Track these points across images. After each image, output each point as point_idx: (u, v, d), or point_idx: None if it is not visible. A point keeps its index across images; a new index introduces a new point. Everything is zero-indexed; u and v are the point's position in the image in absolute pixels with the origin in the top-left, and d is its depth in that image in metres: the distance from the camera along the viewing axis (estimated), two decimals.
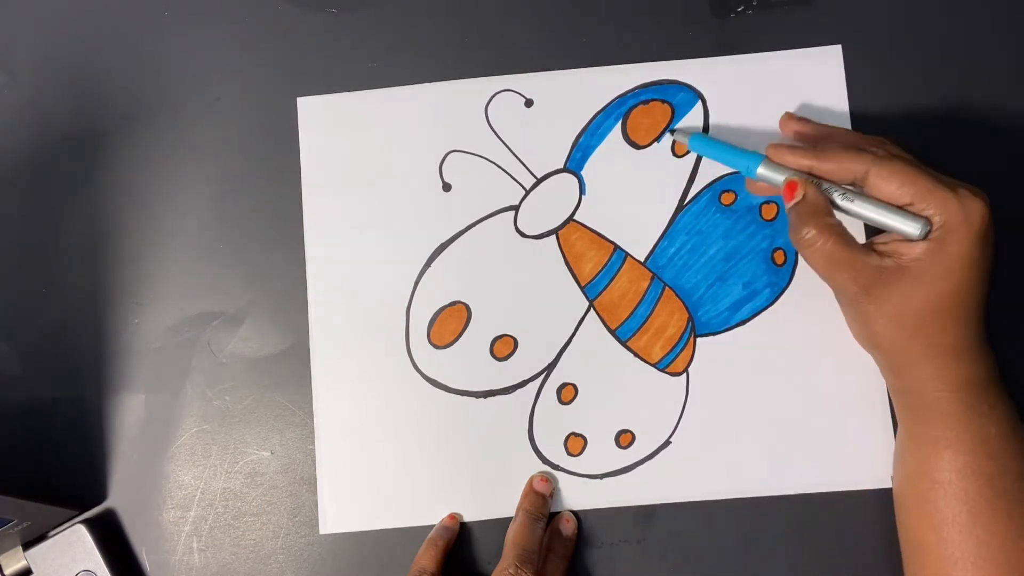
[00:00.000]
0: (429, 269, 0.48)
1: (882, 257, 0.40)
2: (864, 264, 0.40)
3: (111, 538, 0.46)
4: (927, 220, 0.39)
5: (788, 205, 0.42)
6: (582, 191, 0.48)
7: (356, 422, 0.47)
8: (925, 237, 0.39)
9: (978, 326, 0.40)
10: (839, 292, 0.42)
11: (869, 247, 0.41)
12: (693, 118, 0.48)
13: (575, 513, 0.46)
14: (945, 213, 0.39)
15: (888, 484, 0.45)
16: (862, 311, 0.40)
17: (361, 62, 0.49)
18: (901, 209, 0.40)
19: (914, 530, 0.41)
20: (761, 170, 0.43)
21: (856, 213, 0.41)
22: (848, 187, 0.41)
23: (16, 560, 0.45)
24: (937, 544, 0.39)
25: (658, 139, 0.48)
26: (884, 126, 0.47)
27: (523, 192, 0.48)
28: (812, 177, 0.42)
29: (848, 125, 0.47)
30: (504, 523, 0.45)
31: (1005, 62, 0.48)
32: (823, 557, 0.45)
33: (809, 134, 0.45)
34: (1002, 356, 0.41)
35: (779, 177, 0.42)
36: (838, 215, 0.41)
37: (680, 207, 0.47)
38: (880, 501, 0.44)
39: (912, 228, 0.39)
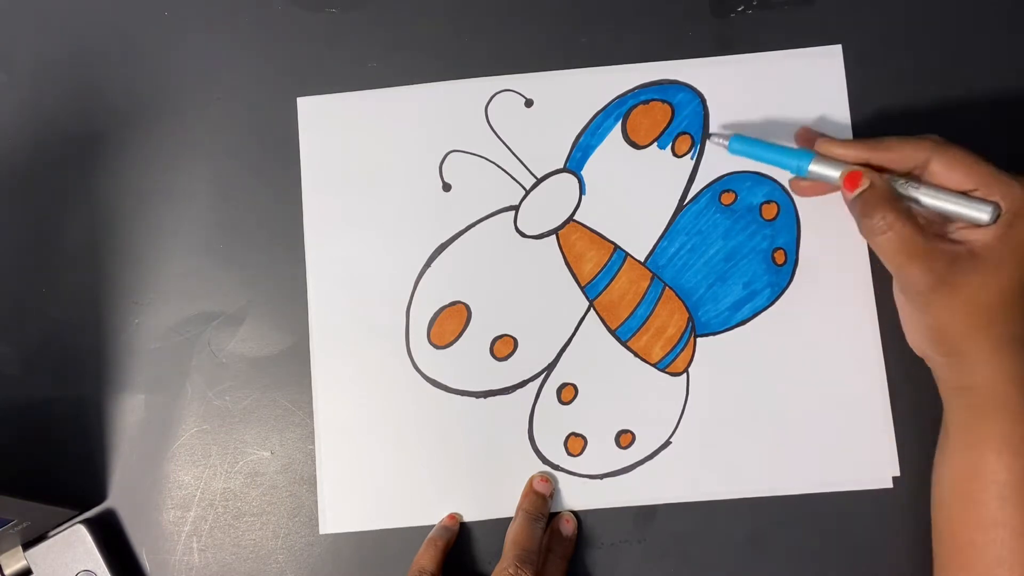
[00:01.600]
0: (429, 269, 0.48)
1: (955, 244, 0.39)
2: (939, 252, 0.39)
3: (111, 538, 0.46)
4: (996, 204, 0.39)
5: (851, 195, 0.41)
6: (582, 191, 0.48)
7: (356, 422, 0.47)
8: (994, 222, 0.39)
9: None
10: (909, 284, 0.40)
11: (941, 235, 0.40)
12: (692, 118, 0.48)
13: (575, 513, 0.46)
14: (1010, 198, 0.38)
15: (888, 484, 0.45)
16: (932, 304, 0.39)
17: (361, 62, 0.49)
18: (967, 195, 0.39)
19: (958, 531, 0.40)
20: (813, 167, 0.42)
21: (922, 201, 0.40)
22: (908, 177, 0.41)
23: (16, 560, 0.45)
24: (985, 544, 0.38)
25: (659, 143, 0.48)
26: (884, 126, 0.47)
27: (523, 192, 0.48)
28: (871, 168, 0.41)
29: (848, 125, 0.47)
30: (504, 523, 0.45)
31: (1005, 62, 0.48)
32: (823, 557, 0.45)
33: (852, 155, 0.43)
34: None
35: (834, 172, 0.42)
36: None
37: (680, 207, 0.47)
38: (880, 501, 0.44)
39: (982, 213, 0.39)
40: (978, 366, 0.39)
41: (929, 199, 0.40)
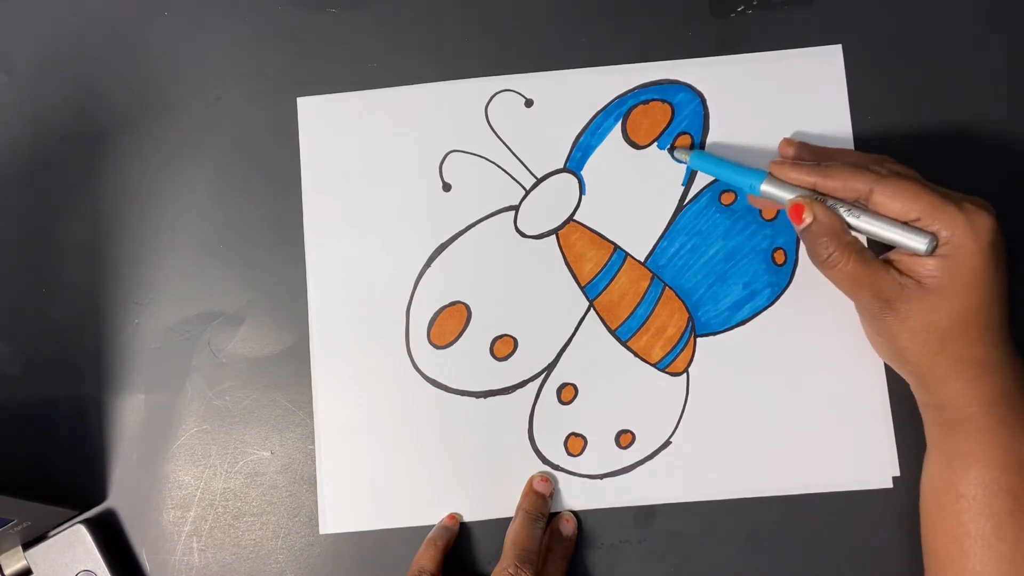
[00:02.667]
0: (429, 269, 0.48)
1: (902, 275, 0.40)
2: (886, 281, 0.40)
3: (111, 538, 0.46)
4: (933, 235, 0.39)
5: (798, 228, 0.42)
6: (582, 191, 0.48)
7: (356, 422, 0.47)
8: (932, 252, 0.39)
9: (1004, 339, 0.40)
10: (862, 309, 0.42)
11: (888, 263, 0.41)
12: (692, 118, 0.48)
13: (575, 513, 0.46)
14: (952, 228, 0.39)
15: (888, 484, 0.45)
16: (887, 327, 0.40)
17: (361, 62, 0.49)
18: (907, 225, 0.40)
19: (937, 543, 0.41)
20: (765, 187, 0.43)
21: (863, 229, 0.41)
22: (853, 204, 0.41)
23: (16, 560, 0.45)
24: (959, 557, 0.39)
25: (658, 144, 0.48)
26: (884, 126, 0.47)
27: (523, 192, 0.48)
28: (817, 195, 0.42)
29: (848, 125, 0.47)
30: (504, 523, 0.45)
31: (1005, 61, 0.48)
32: (823, 557, 0.45)
33: (807, 157, 0.44)
34: None
35: (784, 195, 0.42)
36: None
37: (680, 207, 0.47)
38: (880, 501, 0.44)
39: (919, 243, 0.39)
40: (941, 386, 0.40)
41: (870, 227, 0.40)
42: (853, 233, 0.41)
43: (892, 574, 0.43)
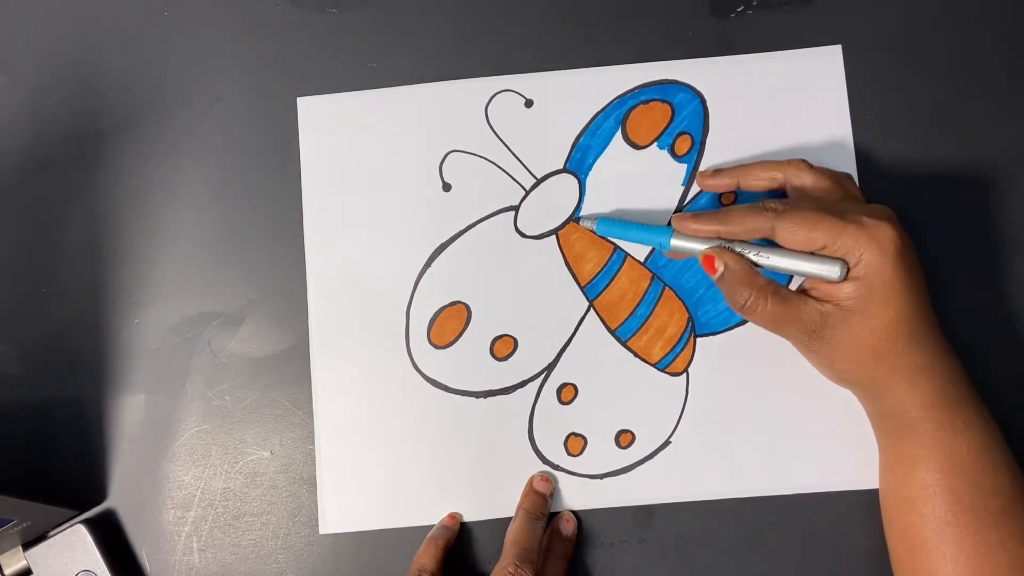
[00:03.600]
0: (429, 269, 0.48)
1: (820, 303, 0.41)
2: (807, 313, 0.40)
3: (111, 538, 0.46)
4: (843, 261, 0.40)
5: (714, 278, 0.43)
6: (582, 191, 0.48)
7: (356, 422, 0.47)
8: (845, 277, 0.40)
9: (935, 339, 0.40)
10: (793, 342, 0.42)
11: (805, 295, 0.41)
12: (692, 118, 0.48)
13: (575, 513, 0.46)
14: (858, 248, 0.39)
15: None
16: (820, 355, 0.41)
17: (361, 62, 0.49)
18: (815, 255, 0.40)
19: (892, 545, 0.42)
20: (674, 242, 0.44)
21: (773, 267, 0.41)
22: (759, 244, 0.42)
23: (16, 560, 0.45)
24: (908, 559, 0.41)
25: (658, 144, 0.48)
26: (884, 126, 0.47)
27: (523, 192, 0.48)
28: (724, 241, 0.42)
29: (848, 125, 0.47)
30: (504, 523, 0.45)
31: (1005, 61, 0.48)
32: (823, 557, 0.45)
33: (723, 185, 0.45)
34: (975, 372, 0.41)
35: (696, 247, 0.43)
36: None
37: (680, 207, 0.47)
38: (878, 501, 0.44)
39: (830, 272, 0.40)
40: (884, 397, 0.41)
41: (779, 264, 0.41)
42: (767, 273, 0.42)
43: (891, 574, 0.43)
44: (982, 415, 0.40)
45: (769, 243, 0.42)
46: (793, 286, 0.43)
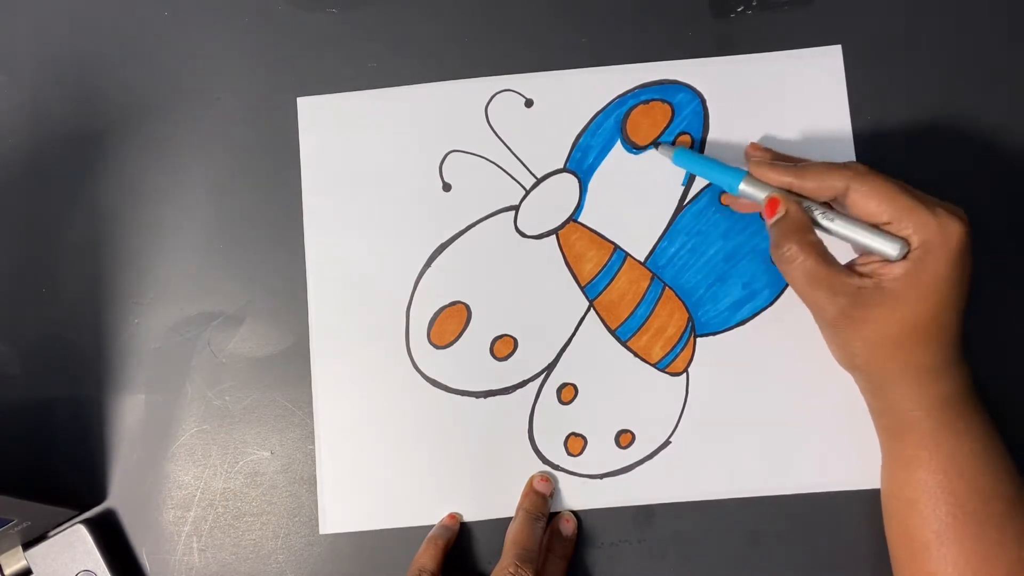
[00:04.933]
0: (429, 269, 0.48)
1: (862, 278, 0.40)
2: (843, 284, 0.40)
3: (111, 538, 0.46)
4: (905, 241, 0.39)
5: (769, 222, 0.42)
6: (582, 191, 0.48)
7: (356, 422, 0.47)
8: (904, 257, 0.39)
9: (955, 344, 0.40)
10: (817, 312, 0.42)
11: (850, 268, 0.41)
12: (692, 118, 0.48)
13: (575, 513, 0.46)
14: (924, 233, 0.39)
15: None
16: (840, 332, 0.41)
17: (361, 62, 0.49)
18: (879, 229, 0.40)
19: (892, 545, 0.42)
20: (743, 186, 0.43)
21: (836, 232, 0.41)
22: (828, 206, 0.41)
23: (16, 560, 0.45)
24: (909, 560, 0.40)
25: (647, 147, 0.48)
26: (884, 126, 0.47)
27: (523, 192, 0.48)
28: (793, 195, 0.42)
29: (848, 125, 0.47)
30: (504, 523, 0.45)
31: (1004, 61, 0.48)
32: (823, 557, 0.45)
33: (777, 182, 0.44)
34: (978, 373, 0.41)
35: (761, 194, 0.43)
36: (823, 237, 0.41)
37: (680, 207, 0.47)
38: (879, 501, 0.44)
39: (891, 248, 0.39)
40: (889, 391, 0.41)
41: (843, 230, 0.41)
42: (833, 240, 0.41)
43: (890, 574, 0.43)
44: (984, 420, 0.40)
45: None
46: (844, 260, 0.42)
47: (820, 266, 0.40)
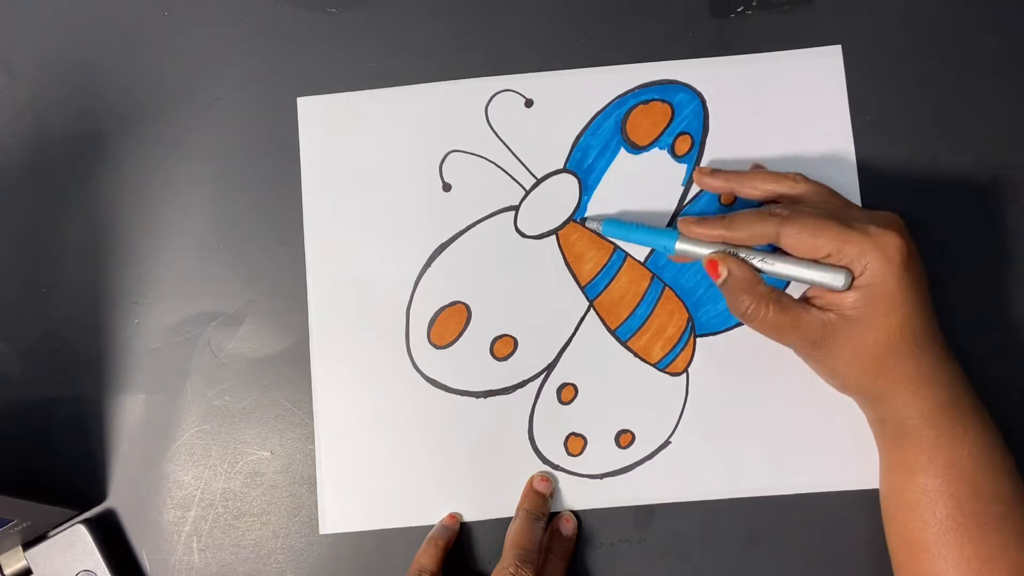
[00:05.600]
0: (429, 269, 0.48)
1: (822, 311, 0.40)
2: (808, 323, 0.40)
3: (111, 538, 0.46)
4: (847, 270, 0.39)
5: (717, 283, 0.42)
6: (582, 191, 0.48)
7: (356, 422, 0.47)
8: (850, 286, 0.39)
9: (936, 348, 0.40)
10: (794, 350, 0.42)
11: (808, 303, 0.41)
12: (692, 118, 0.48)
13: (575, 513, 0.46)
14: (864, 257, 0.39)
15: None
16: (822, 363, 0.41)
17: (361, 62, 0.49)
18: (819, 263, 0.40)
19: (893, 547, 0.42)
20: (679, 246, 0.43)
21: (778, 274, 0.41)
22: (764, 250, 0.42)
23: (16, 560, 0.45)
24: (910, 562, 0.41)
25: (658, 144, 0.48)
26: (883, 126, 0.47)
27: (523, 192, 0.48)
28: (729, 247, 0.42)
29: (848, 125, 0.47)
30: (504, 523, 0.45)
31: (1004, 62, 0.48)
32: (823, 557, 0.45)
33: (718, 187, 0.45)
34: (978, 374, 0.41)
35: (700, 251, 0.43)
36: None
37: (680, 207, 0.47)
38: (878, 501, 0.44)
39: (835, 281, 0.40)
40: (883, 403, 0.41)
41: (784, 271, 0.41)
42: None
43: (890, 574, 0.43)
44: (983, 421, 0.40)
45: (774, 248, 0.42)
46: (796, 293, 0.42)
47: (779, 314, 0.41)
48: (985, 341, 0.46)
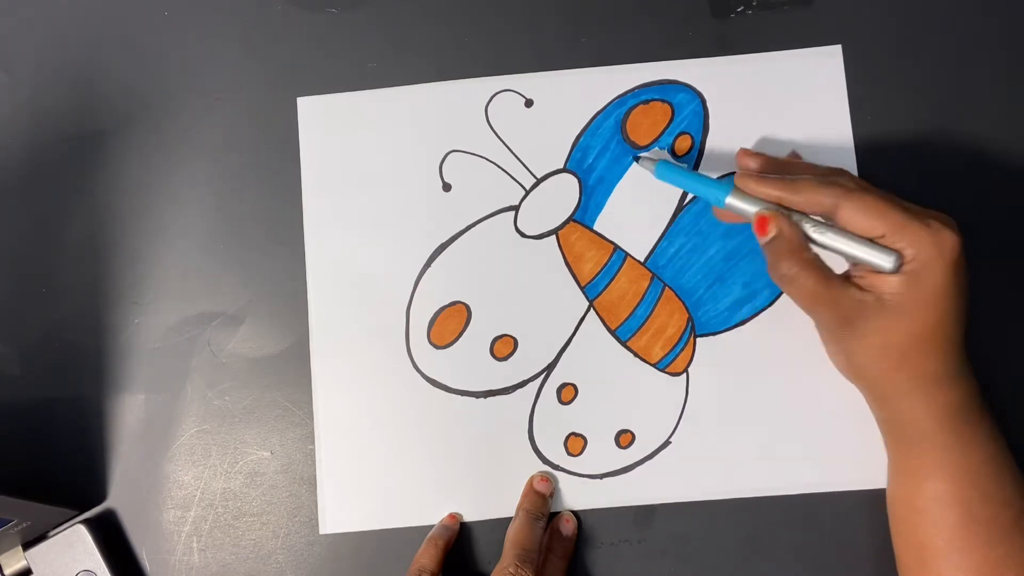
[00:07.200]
0: (429, 269, 0.48)
1: (862, 291, 0.40)
2: (845, 299, 0.39)
3: (111, 538, 0.46)
4: (899, 253, 0.39)
5: (762, 241, 0.41)
6: (582, 191, 0.48)
7: (356, 422, 0.47)
8: (897, 270, 0.39)
9: (960, 353, 0.40)
10: (821, 325, 0.42)
11: (848, 280, 0.40)
12: (692, 118, 0.48)
13: (575, 513, 0.46)
14: (917, 246, 0.38)
15: (887, 484, 0.45)
16: (845, 344, 0.40)
17: (361, 62, 0.49)
18: (873, 242, 0.39)
19: (900, 551, 0.42)
20: (730, 200, 0.42)
21: (828, 245, 0.40)
22: (819, 218, 0.41)
23: (16, 560, 0.45)
24: (918, 566, 0.40)
25: (658, 144, 0.48)
26: (883, 126, 0.47)
27: (523, 192, 0.48)
28: (782, 208, 0.41)
29: (848, 125, 0.47)
30: (504, 523, 0.45)
31: (1005, 62, 0.48)
32: (822, 557, 0.45)
33: (767, 195, 0.43)
34: (983, 380, 0.41)
35: (750, 208, 0.42)
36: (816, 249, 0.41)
37: (680, 207, 0.47)
38: (879, 501, 0.44)
39: (884, 261, 0.39)
40: (897, 401, 0.40)
41: (835, 243, 0.40)
42: (818, 248, 0.40)
43: (890, 574, 0.43)
44: (992, 427, 0.40)
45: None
46: (839, 269, 0.41)
47: (820, 284, 0.39)
48: (988, 345, 0.46)
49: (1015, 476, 0.40)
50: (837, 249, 0.40)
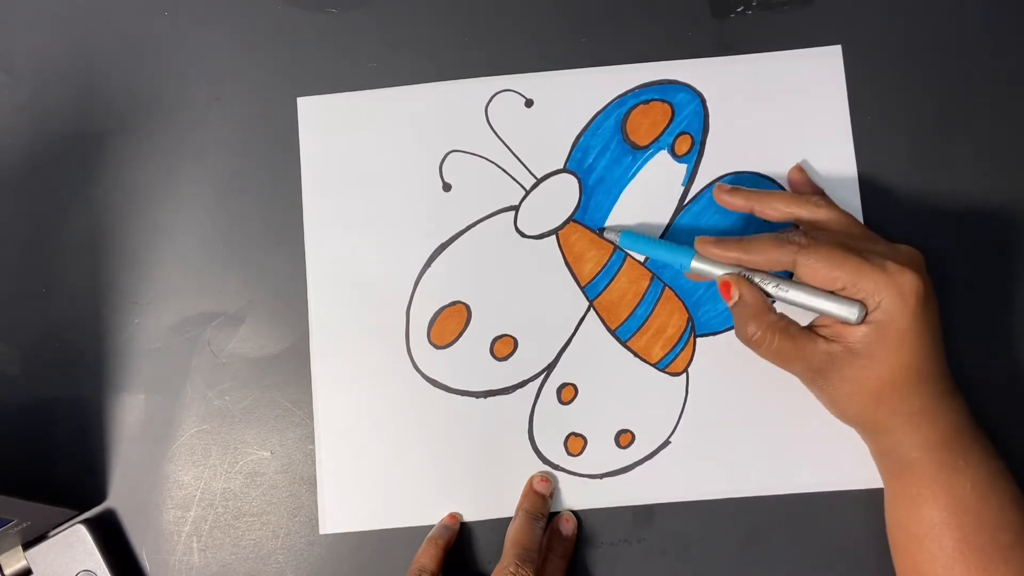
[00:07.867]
0: (429, 269, 0.48)
1: (829, 342, 0.40)
2: (814, 353, 0.40)
3: (111, 538, 0.46)
4: (862, 304, 0.39)
5: (728, 305, 0.42)
6: (582, 191, 0.48)
7: (356, 422, 0.47)
8: (862, 321, 0.39)
9: (940, 384, 0.40)
10: (797, 377, 0.42)
11: (815, 333, 0.41)
12: (692, 118, 0.48)
13: (575, 513, 0.46)
14: (880, 294, 0.38)
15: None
16: (823, 392, 0.41)
17: (361, 62, 0.49)
18: (835, 295, 0.40)
19: (900, 573, 0.42)
20: (695, 264, 0.43)
21: (792, 301, 0.41)
22: (780, 275, 0.41)
23: (16, 560, 0.45)
24: None
25: (659, 144, 0.48)
26: (883, 126, 0.47)
27: (523, 192, 0.48)
28: (745, 270, 0.42)
29: (847, 125, 0.47)
30: (504, 523, 0.45)
31: (1005, 62, 0.48)
32: (822, 557, 0.45)
33: (738, 206, 0.44)
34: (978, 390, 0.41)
35: (714, 271, 0.43)
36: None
37: (680, 207, 0.47)
38: (878, 501, 0.44)
39: (848, 314, 0.39)
40: (883, 437, 0.41)
41: (797, 299, 0.40)
42: (784, 304, 0.41)
43: (889, 573, 0.43)
44: (986, 452, 0.40)
45: (789, 275, 0.42)
46: (803, 319, 0.42)
47: (786, 342, 0.40)
48: (983, 340, 0.46)
49: (1011, 497, 0.40)
50: (800, 304, 0.41)
